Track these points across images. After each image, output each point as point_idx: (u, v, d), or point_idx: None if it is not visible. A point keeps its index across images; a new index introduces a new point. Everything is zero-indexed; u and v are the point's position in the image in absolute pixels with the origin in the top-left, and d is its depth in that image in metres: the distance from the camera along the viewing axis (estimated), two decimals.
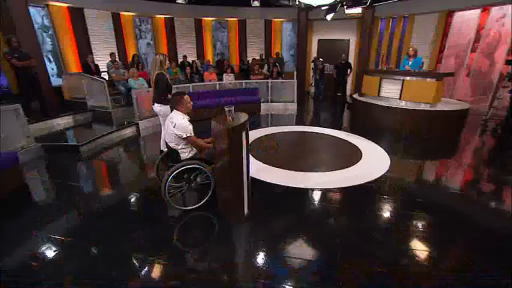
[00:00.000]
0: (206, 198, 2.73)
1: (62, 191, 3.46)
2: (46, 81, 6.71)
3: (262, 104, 7.72)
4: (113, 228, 2.58)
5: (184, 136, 2.52)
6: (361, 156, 4.28)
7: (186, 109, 2.71)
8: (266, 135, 5.38)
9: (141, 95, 6.13)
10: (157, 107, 3.81)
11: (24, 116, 5.36)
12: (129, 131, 5.83)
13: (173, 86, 7.00)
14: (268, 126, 6.36)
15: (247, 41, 10.66)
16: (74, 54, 7.85)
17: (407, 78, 5.85)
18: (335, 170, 3.79)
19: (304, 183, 3.36)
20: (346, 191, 3.26)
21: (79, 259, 2.21)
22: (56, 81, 7.30)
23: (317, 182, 3.43)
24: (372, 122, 6.24)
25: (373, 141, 4.98)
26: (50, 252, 2.29)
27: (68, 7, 7.48)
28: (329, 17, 6.21)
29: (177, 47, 9.82)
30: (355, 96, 7.32)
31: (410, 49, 6.17)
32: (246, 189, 2.50)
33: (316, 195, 3.17)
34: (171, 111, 2.76)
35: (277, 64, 8.85)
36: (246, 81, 8.03)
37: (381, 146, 4.72)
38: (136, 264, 2.12)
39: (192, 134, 2.59)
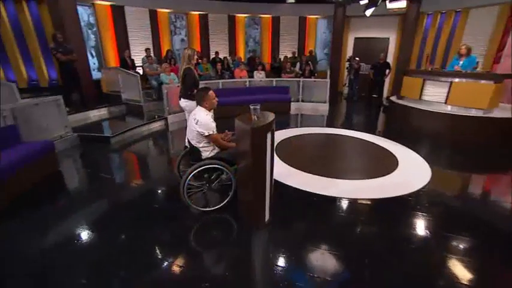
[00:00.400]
0: (226, 200, 2.62)
1: (90, 179, 3.62)
2: (87, 75, 7.12)
3: (292, 104, 7.48)
4: (129, 221, 2.60)
5: (206, 134, 2.42)
6: (397, 165, 3.89)
7: (211, 105, 2.60)
8: (294, 136, 5.16)
9: (171, 90, 6.23)
10: (183, 102, 3.78)
11: (65, 106, 5.75)
12: (158, 125, 5.95)
13: (204, 82, 7.11)
14: (297, 127, 6.14)
15: (280, 39, 10.43)
16: (113, 50, 8.24)
17: (456, 79, 5.24)
18: (367, 178, 3.47)
19: (332, 191, 3.11)
20: (378, 202, 2.95)
21: (96, 247, 2.22)
22: (96, 75, 7.73)
23: (346, 190, 3.15)
24: (411, 128, 5.71)
25: (411, 148, 4.52)
26: (73, 238, 2.34)
27: (111, 5, 7.86)
28: (368, 12, 5.78)
29: (209, 43, 9.90)
30: (393, 98, 6.78)
31: (463, 47, 5.48)
32: (268, 194, 2.34)
33: (345, 205, 2.90)
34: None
35: (310, 62, 8.53)
36: (277, 79, 7.83)
37: (421, 155, 4.26)
38: (146, 262, 2.07)
39: (215, 132, 2.48)
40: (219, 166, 2.44)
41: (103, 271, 2.01)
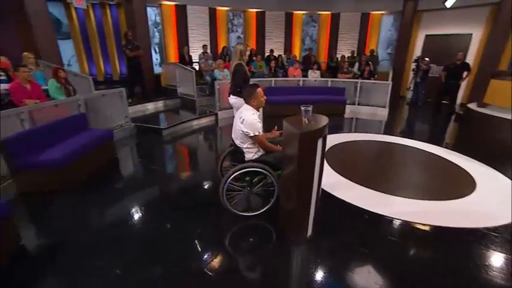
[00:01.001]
0: (267, 207, 2.45)
1: (141, 167, 3.88)
2: (150, 70, 7.71)
3: (347, 106, 6.95)
4: (169, 211, 2.67)
5: (252, 134, 2.29)
6: (474, 187, 3.23)
7: (258, 103, 2.45)
8: (348, 142, 4.73)
9: (223, 86, 6.29)
10: (232, 99, 3.72)
11: (128, 98, 6.26)
12: (208, 120, 6.09)
13: (256, 80, 7.05)
14: (351, 132, 5.65)
15: (338, 37, 9.83)
16: (174, 46, 8.75)
17: None
18: (431, 199, 2.94)
19: (387, 209, 2.70)
20: (445, 232, 2.44)
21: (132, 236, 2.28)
22: (157, 69, 8.31)
23: (404, 210, 2.71)
24: (496, 142, 4.76)
25: (495, 168, 3.73)
26: (121, 217, 2.46)
27: (175, 5, 8.34)
28: (449, 3, 4.96)
29: (265, 40, 9.85)
30: (471, 106, 5.77)
31: None
32: (313, 208, 2.10)
33: (401, 229, 2.48)
34: None
35: (370, 63, 7.82)
36: (333, 79, 7.36)
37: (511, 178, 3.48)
38: (179, 254, 2.08)
39: (261, 133, 2.33)
40: (261, 170, 2.28)
41: (139, 250, 2.06)
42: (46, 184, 2.97)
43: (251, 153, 2.40)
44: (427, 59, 7.76)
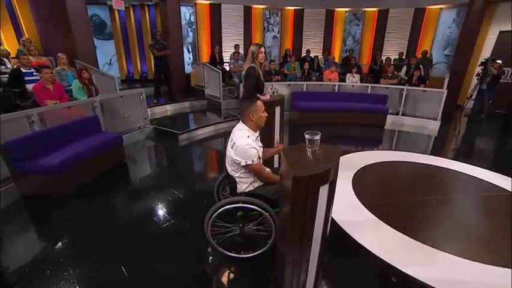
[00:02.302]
0: (262, 250, 1.97)
1: (150, 172, 3.81)
2: (181, 69, 7.66)
3: (389, 116, 6.04)
4: (150, 235, 2.38)
5: (243, 164, 1.82)
6: None
7: (258, 122, 1.94)
8: (384, 163, 3.96)
9: None
10: None
11: (154, 98, 6.21)
12: (231, 125, 5.72)
13: (285, 83, 6.52)
14: (390, 149, 4.82)
15: (385, 37, 8.75)
16: (207, 46, 8.61)
17: None
18: (500, 264, 2.10)
19: (428, 272, 2.01)
20: None
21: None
22: (188, 69, 8.25)
23: (457, 277, 1.98)
24: None
25: None
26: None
27: (210, 3, 8.17)
28: None
29: (302, 40, 9.22)
30: None
31: None
32: (315, 265, 1.57)
33: None
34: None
35: (421, 66, 6.74)
36: (373, 85, 6.48)
37: None
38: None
39: (255, 162, 1.83)
40: (253, 207, 1.79)
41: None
42: (47, 188, 2.88)
43: (244, 184, 1.93)
44: (499, 61, 6.37)
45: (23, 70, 4.48)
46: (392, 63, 7.40)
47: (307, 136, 1.46)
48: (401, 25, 8.51)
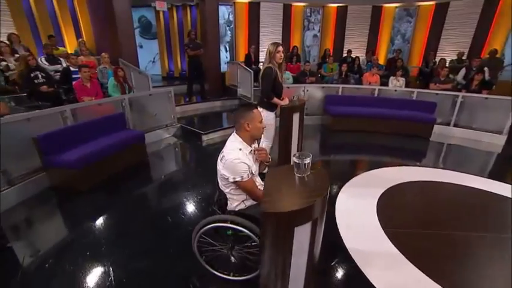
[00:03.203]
0: (250, 276, 1.77)
1: (169, 171, 3.89)
2: (217, 68, 7.74)
3: (436, 127, 5.26)
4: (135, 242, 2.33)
5: (231, 180, 1.63)
6: None
7: (254, 133, 1.72)
8: (423, 183, 3.39)
9: None
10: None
11: (186, 96, 6.34)
12: None
13: (321, 85, 6.10)
14: (434, 166, 4.14)
15: (442, 34, 7.69)
16: (244, 45, 8.56)
17: None
18: None
19: None
20: None
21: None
22: (225, 68, 8.30)
23: None
24: None
25: None
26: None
27: (249, 2, 8.09)
28: None
29: (344, 40, 8.63)
30: None
31: None
32: None
33: None
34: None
35: (485, 69, 5.74)
36: (420, 90, 5.71)
37: None
38: None
39: (245, 178, 1.61)
40: (239, 228, 1.59)
41: None
42: (69, 181, 3.07)
43: (235, 201, 1.74)
44: None
45: (72, 69, 4.92)
46: (448, 64, 6.46)
47: (294, 159, 1.22)
48: (464, 20, 7.38)
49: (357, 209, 2.80)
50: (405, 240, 2.32)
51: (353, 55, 7.61)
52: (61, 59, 5.47)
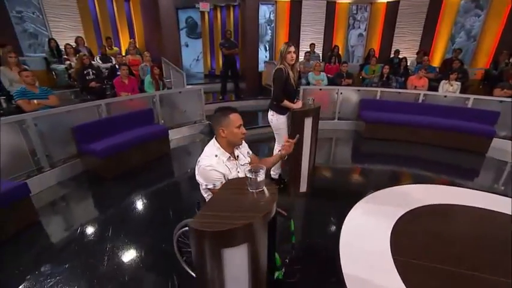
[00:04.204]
0: None
1: (178, 169, 3.97)
2: (255, 68, 7.78)
3: (496, 141, 4.46)
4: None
5: (203, 186, 1.58)
6: None
7: (230, 140, 1.61)
8: (460, 208, 2.91)
9: (309, 92, 5.46)
10: (269, 115, 2.99)
11: (220, 95, 6.50)
12: None
13: (357, 88, 5.64)
14: (482, 188, 3.45)
15: None
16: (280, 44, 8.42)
17: None
18: None
19: None
20: None
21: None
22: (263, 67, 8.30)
23: None
24: None
25: None
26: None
27: (291, 1, 7.93)
28: None
29: (392, 38, 7.87)
30: None
31: None
32: None
33: None
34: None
35: None
36: (477, 96, 4.90)
37: None
38: None
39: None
40: None
41: None
42: (97, 168, 3.42)
43: None
44: None
45: (118, 67, 5.45)
46: None
47: (246, 172, 1.13)
48: None
49: (367, 229, 2.53)
50: (416, 274, 2.02)
51: (402, 55, 6.88)
52: (112, 57, 6.10)
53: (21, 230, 2.49)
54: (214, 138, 1.69)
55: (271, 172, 3.23)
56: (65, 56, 5.62)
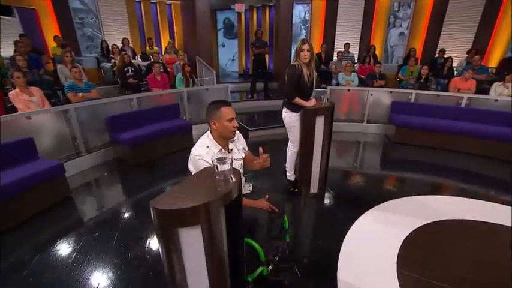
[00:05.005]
0: None
1: None
2: (286, 68, 7.76)
3: None
4: None
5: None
6: None
7: (222, 133, 1.67)
8: (489, 225, 2.59)
9: (337, 92, 5.30)
10: (283, 112, 2.97)
11: (250, 93, 6.61)
12: None
13: (389, 90, 5.25)
14: None
15: None
16: (318, 44, 8.23)
17: None
18: None
19: None
20: None
21: None
22: None
23: None
24: None
25: None
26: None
27: (327, 0, 7.74)
28: None
29: (439, 37, 7.18)
30: None
31: None
32: None
33: None
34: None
35: None
36: None
37: None
38: None
39: None
40: None
41: None
42: (124, 155, 3.77)
43: None
44: None
45: None
46: None
47: (213, 160, 1.18)
48: None
49: (375, 237, 2.37)
50: None
51: (449, 55, 6.26)
52: (151, 56, 6.62)
53: (57, 203, 2.87)
54: (209, 130, 1.77)
55: (287, 173, 3.20)
56: (111, 55, 6.25)
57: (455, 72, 6.19)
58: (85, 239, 2.36)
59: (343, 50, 7.06)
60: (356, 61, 7.41)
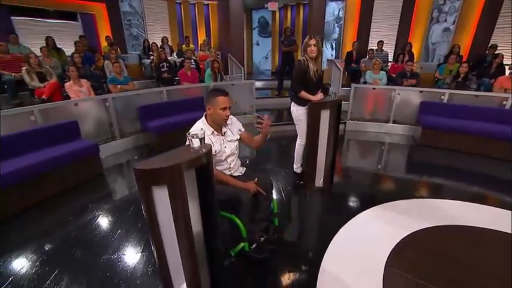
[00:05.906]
0: None
1: None
2: None
3: None
4: None
5: None
6: None
7: (214, 118, 1.87)
8: (499, 234, 2.39)
9: (362, 91, 5.18)
10: (291, 106, 3.05)
11: (276, 91, 6.73)
12: None
13: (420, 89, 4.90)
14: None
15: None
16: (351, 42, 8.01)
17: None
18: None
19: None
20: None
21: None
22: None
23: None
24: None
25: None
26: None
27: None
28: None
29: (493, 32, 6.47)
30: None
31: None
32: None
33: None
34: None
35: None
36: None
37: None
38: None
39: None
40: None
41: None
42: (151, 142, 4.20)
43: None
44: None
45: None
46: None
47: (188, 134, 1.39)
48: None
49: (371, 234, 2.34)
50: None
51: (500, 52, 5.65)
52: (185, 53, 7.12)
53: (90, 179, 3.34)
54: (204, 114, 1.98)
55: (294, 166, 3.29)
56: (151, 53, 6.88)
57: (509, 71, 5.58)
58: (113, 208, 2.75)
59: (375, 47, 6.79)
60: (391, 59, 7.06)
